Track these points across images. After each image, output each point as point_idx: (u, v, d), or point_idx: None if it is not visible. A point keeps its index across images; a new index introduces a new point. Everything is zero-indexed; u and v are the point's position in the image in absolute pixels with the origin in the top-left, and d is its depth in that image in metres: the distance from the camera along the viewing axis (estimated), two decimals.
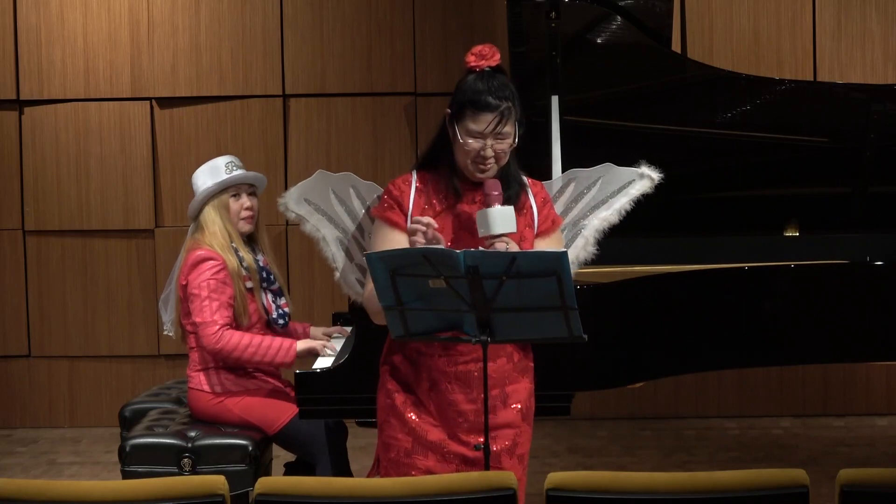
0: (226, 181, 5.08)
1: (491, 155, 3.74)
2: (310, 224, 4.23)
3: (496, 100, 3.72)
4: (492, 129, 3.72)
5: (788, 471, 3.14)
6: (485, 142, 3.73)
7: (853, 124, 5.39)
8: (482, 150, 3.74)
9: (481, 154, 3.74)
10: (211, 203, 5.08)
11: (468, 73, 3.79)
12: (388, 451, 3.87)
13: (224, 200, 5.09)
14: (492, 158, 3.75)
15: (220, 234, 5.05)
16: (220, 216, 5.07)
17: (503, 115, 3.72)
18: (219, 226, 5.06)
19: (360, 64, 7.20)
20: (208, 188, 5.07)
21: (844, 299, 4.80)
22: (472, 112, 3.73)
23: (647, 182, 4.24)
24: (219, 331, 4.95)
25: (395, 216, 3.83)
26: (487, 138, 3.73)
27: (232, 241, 5.06)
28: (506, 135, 3.75)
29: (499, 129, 3.73)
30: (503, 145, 3.75)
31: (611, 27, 5.31)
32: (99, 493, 3.13)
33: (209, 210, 5.08)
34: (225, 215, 5.08)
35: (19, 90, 7.24)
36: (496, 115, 3.72)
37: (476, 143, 3.73)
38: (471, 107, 3.73)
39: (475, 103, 3.72)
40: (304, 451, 5.04)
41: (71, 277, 7.30)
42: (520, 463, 3.88)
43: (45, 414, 7.37)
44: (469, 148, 3.74)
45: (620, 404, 7.19)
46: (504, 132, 3.74)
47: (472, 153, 3.74)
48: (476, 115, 3.72)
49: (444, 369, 3.79)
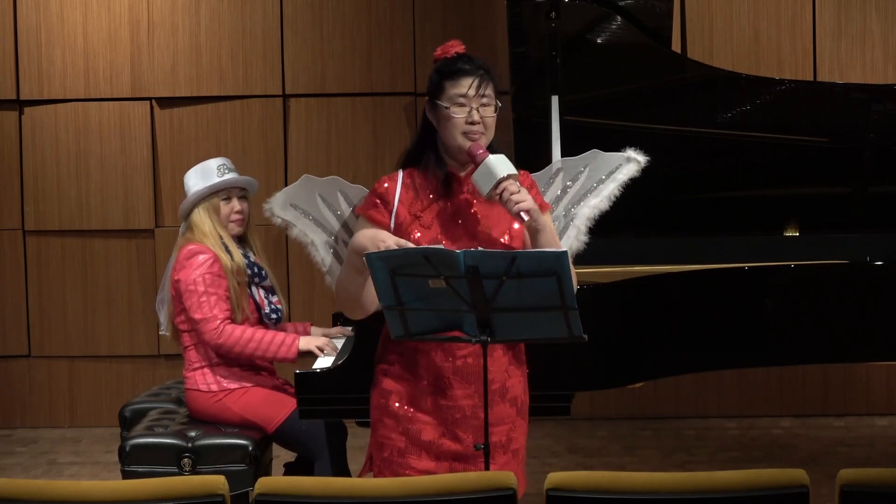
0: (216, 185, 5.09)
1: (479, 119, 3.74)
2: (297, 229, 4.23)
3: (472, 66, 3.77)
4: (474, 90, 3.74)
5: (788, 471, 3.14)
6: (470, 105, 3.74)
7: (853, 124, 5.39)
8: (469, 115, 3.74)
9: (469, 120, 3.74)
10: (201, 205, 5.09)
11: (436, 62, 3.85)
12: (381, 451, 3.87)
13: (215, 203, 5.10)
14: (480, 125, 3.75)
15: (211, 234, 5.06)
16: (210, 218, 5.08)
17: (481, 77, 3.76)
18: (209, 226, 5.07)
19: (360, 64, 7.20)
20: (199, 191, 5.08)
21: (844, 299, 4.80)
22: (451, 81, 3.76)
23: (633, 166, 4.24)
24: (220, 325, 4.95)
25: (379, 214, 3.83)
26: (472, 101, 3.74)
27: (222, 240, 5.07)
28: (489, 98, 3.77)
29: (481, 90, 3.75)
30: (489, 109, 3.77)
31: (611, 27, 5.31)
32: (99, 493, 3.13)
33: (199, 212, 5.09)
34: (215, 218, 5.09)
35: (19, 90, 7.24)
36: (475, 77, 3.75)
37: (462, 109, 3.74)
38: (449, 77, 3.76)
39: (453, 73, 3.76)
40: (304, 448, 5.04)
41: (71, 277, 7.30)
42: (514, 458, 3.88)
43: (45, 414, 7.37)
44: (456, 115, 3.74)
45: (620, 404, 7.19)
46: (487, 94, 3.76)
47: (460, 121, 3.74)
48: (456, 81, 3.75)
49: (442, 364, 3.79)
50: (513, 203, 3.67)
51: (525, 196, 3.68)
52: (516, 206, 3.67)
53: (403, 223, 3.81)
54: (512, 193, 3.67)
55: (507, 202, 3.68)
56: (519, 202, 3.66)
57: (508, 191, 3.67)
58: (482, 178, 3.70)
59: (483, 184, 3.70)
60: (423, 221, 3.81)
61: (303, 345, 4.98)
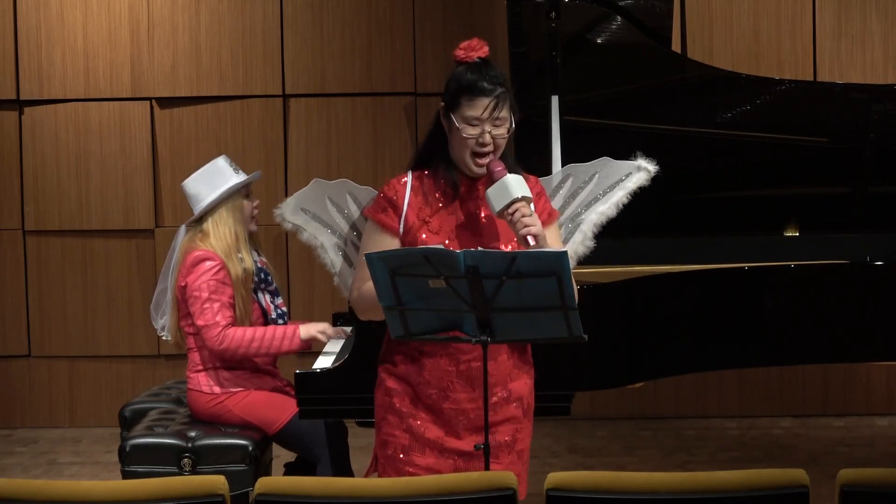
0: (243, 181, 5.05)
1: (489, 141, 3.73)
2: (307, 233, 4.21)
3: (491, 84, 3.73)
4: (489, 113, 3.72)
5: (788, 471, 3.14)
6: (482, 127, 3.73)
7: (853, 124, 5.39)
8: (480, 137, 3.73)
9: (480, 141, 3.74)
10: (225, 206, 5.04)
11: (458, 66, 3.80)
12: (385, 449, 3.86)
13: (239, 203, 5.06)
14: (490, 145, 3.74)
15: (229, 237, 5.01)
16: (234, 218, 5.03)
17: (499, 98, 3.72)
18: (230, 227, 5.01)
19: (360, 64, 7.21)
20: (227, 189, 5.01)
21: (844, 299, 4.80)
22: (467, 99, 3.73)
23: (643, 175, 4.23)
24: (221, 331, 4.95)
25: (387, 218, 3.83)
26: (485, 123, 3.72)
27: (238, 243, 5.03)
28: (503, 120, 3.75)
29: (496, 113, 3.72)
30: (501, 130, 3.75)
31: (611, 27, 5.31)
32: (99, 493, 3.13)
33: (224, 212, 5.02)
34: (239, 217, 5.05)
35: (19, 90, 7.24)
36: (492, 100, 3.72)
37: (474, 129, 3.73)
38: (466, 94, 3.73)
39: (470, 90, 3.72)
40: (305, 449, 5.04)
41: (71, 277, 7.30)
42: (519, 458, 3.88)
43: (45, 414, 7.37)
44: (467, 135, 3.73)
45: (620, 404, 7.19)
46: (501, 117, 3.74)
47: (471, 141, 3.74)
48: (472, 101, 3.72)
49: (447, 368, 3.79)
50: (522, 225, 3.65)
51: (535, 221, 3.67)
52: (525, 228, 3.65)
53: (412, 227, 3.80)
54: (523, 216, 3.66)
55: (517, 223, 3.66)
56: (528, 225, 3.65)
57: (520, 212, 3.65)
58: (496, 195, 3.69)
59: (496, 201, 3.69)
60: (431, 227, 3.79)
61: (304, 333, 4.97)
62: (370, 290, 3.73)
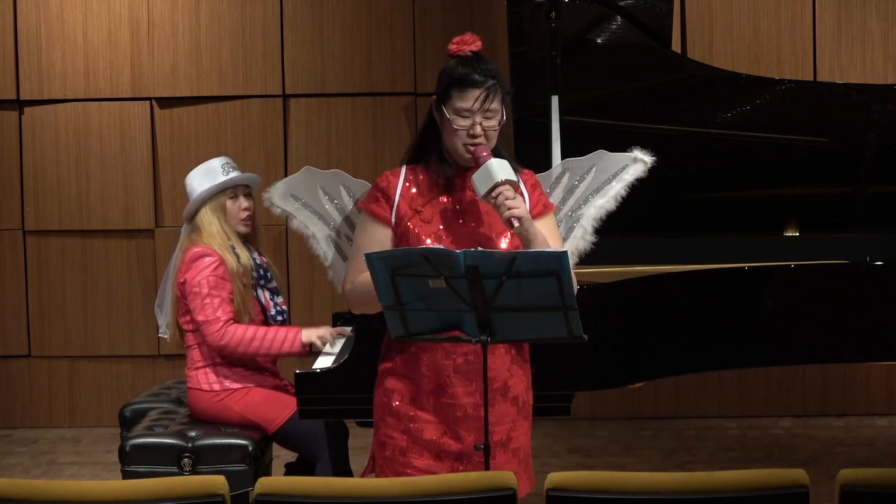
0: (224, 182, 5.09)
1: (480, 133, 3.75)
2: (297, 220, 4.25)
3: (481, 77, 3.75)
4: (479, 105, 3.74)
5: (788, 471, 3.14)
6: (473, 119, 3.75)
7: (853, 124, 5.39)
8: (471, 129, 3.75)
9: (471, 133, 3.75)
10: (208, 205, 5.09)
11: (450, 59, 3.82)
12: (383, 450, 3.87)
13: (221, 202, 5.10)
14: (482, 136, 3.76)
15: (218, 235, 5.05)
16: (217, 218, 5.08)
17: (490, 90, 3.75)
18: (216, 227, 5.06)
19: (360, 64, 7.21)
20: (207, 190, 5.07)
21: (844, 299, 4.80)
22: (458, 91, 3.75)
23: (640, 166, 4.24)
24: (222, 327, 4.95)
25: (379, 208, 3.85)
26: (476, 115, 3.75)
27: (230, 240, 5.06)
28: (494, 111, 3.77)
29: (486, 105, 3.75)
30: (492, 122, 3.77)
31: (611, 27, 5.31)
32: (99, 493, 3.13)
33: (206, 212, 5.08)
34: (222, 217, 5.09)
35: (19, 90, 7.24)
36: (483, 91, 3.74)
37: (465, 121, 3.75)
38: (457, 85, 3.75)
39: (461, 81, 3.75)
40: (305, 449, 5.04)
41: (71, 277, 7.30)
42: (514, 457, 3.88)
43: (45, 414, 7.37)
44: (458, 126, 3.75)
45: (620, 404, 7.20)
46: (492, 108, 3.76)
47: (462, 133, 3.75)
48: (463, 93, 3.75)
49: (443, 362, 3.80)
50: (505, 208, 3.67)
51: (518, 204, 3.69)
52: (508, 211, 3.67)
53: (404, 217, 3.83)
54: (506, 199, 3.68)
55: (500, 206, 3.68)
56: (511, 208, 3.67)
57: (503, 195, 3.68)
58: (480, 179, 3.71)
59: (480, 185, 3.71)
60: (423, 216, 3.82)
61: (305, 337, 4.98)
62: (363, 283, 3.75)
